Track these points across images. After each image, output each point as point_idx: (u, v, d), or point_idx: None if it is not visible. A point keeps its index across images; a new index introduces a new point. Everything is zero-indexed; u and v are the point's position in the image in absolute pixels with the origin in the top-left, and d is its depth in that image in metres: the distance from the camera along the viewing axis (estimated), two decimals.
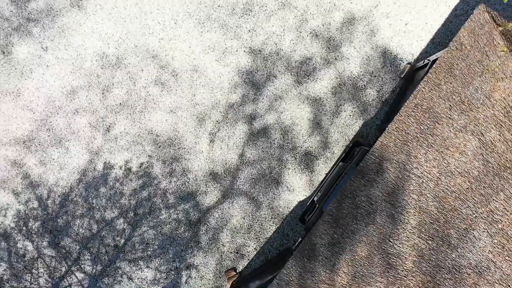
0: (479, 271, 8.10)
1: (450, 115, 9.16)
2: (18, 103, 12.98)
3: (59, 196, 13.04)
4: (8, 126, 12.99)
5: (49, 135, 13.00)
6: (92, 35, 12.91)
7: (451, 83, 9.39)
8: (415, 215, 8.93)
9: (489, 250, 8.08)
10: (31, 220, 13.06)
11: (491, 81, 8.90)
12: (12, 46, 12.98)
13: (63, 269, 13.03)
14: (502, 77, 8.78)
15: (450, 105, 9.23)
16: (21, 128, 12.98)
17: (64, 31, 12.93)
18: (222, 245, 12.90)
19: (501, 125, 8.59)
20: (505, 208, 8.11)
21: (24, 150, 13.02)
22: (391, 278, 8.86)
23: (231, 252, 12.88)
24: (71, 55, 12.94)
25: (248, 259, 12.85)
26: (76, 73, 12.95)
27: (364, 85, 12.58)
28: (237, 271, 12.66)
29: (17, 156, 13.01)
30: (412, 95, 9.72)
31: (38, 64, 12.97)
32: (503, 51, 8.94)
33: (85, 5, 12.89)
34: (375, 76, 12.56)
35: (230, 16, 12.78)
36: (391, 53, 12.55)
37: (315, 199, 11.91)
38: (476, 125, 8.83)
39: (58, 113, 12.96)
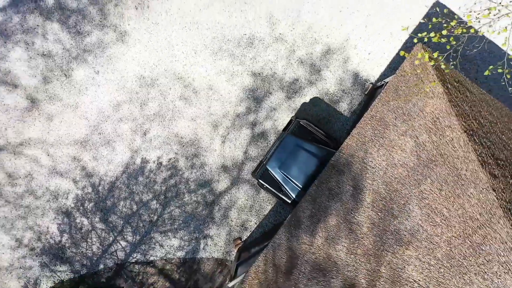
0: (412, 233, 8.99)
1: (395, 123, 10.02)
2: (77, 113, 13.28)
3: (107, 183, 13.35)
4: (69, 130, 13.32)
5: (100, 138, 13.33)
6: (132, 62, 13.22)
7: (396, 100, 10.24)
8: (369, 195, 9.76)
9: (419, 219, 9.00)
10: (86, 201, 13.36)
11: (424, 99, 9.85)
12: (72, 70, 13.24)
13: (111, 238, 13.34)
14: (431, 96, 9.82)
15: (395, 116, 10.12)
16: (78, 132, 13.29)
17: (111, 59, 13.22)
18: (231, 220, 13.25)
19: (430, 130, 9.55)
20: (431, 189, 9.13)
21: (81, 149, 13.30)
22: (352, 240, 9.69)
23: (238, 226, 13.22)
24: (116, 77, 13.24)
25: (250, 231, 13.15)
26: (120, 91, 13.26)
27: (338, 100, 13.06)
28: (242, 239, 13.08)
29: (76, 153, 13.31)
30: (369, 109, 10.51)
31: (92, 84, 13.24)
32: (416, 85, 9.71)
33: (127, 40, 13.20)
34: (346, 93, 13.02)
35: (236, 47, 13.12)
36: (358, 75, 12.96)
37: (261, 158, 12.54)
38: (413, 130, 9.72)
39: (106, 121, 13.30)
